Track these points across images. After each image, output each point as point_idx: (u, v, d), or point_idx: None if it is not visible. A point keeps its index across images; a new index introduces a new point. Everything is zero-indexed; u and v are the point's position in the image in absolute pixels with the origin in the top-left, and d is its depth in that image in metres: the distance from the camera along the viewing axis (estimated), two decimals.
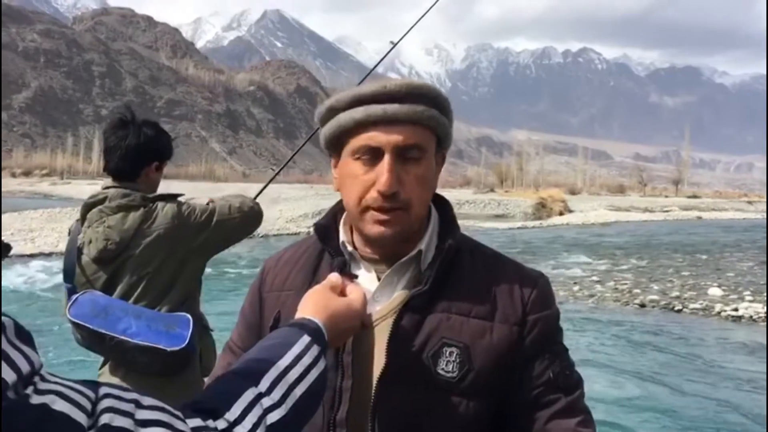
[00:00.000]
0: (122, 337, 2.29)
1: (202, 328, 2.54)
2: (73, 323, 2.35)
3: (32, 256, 15.99)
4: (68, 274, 2.52)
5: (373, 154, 1.10)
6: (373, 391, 1.10)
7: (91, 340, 2.38)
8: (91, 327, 2.32)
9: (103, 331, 2.31)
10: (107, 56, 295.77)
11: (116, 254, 2.46)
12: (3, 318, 0.62)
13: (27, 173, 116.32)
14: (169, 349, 2.29)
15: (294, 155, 3.43)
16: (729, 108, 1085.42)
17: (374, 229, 1.12)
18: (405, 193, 1.09)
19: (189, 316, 2.42)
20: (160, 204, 2.50)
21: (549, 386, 1.13)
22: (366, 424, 1.10)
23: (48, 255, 16.01)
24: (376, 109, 1.08)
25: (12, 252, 2.25)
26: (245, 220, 2.63)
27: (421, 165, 1.11)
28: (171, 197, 2.56)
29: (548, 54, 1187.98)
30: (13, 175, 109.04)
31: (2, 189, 64.84)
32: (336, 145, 1.16)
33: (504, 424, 1.16)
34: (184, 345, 2.32)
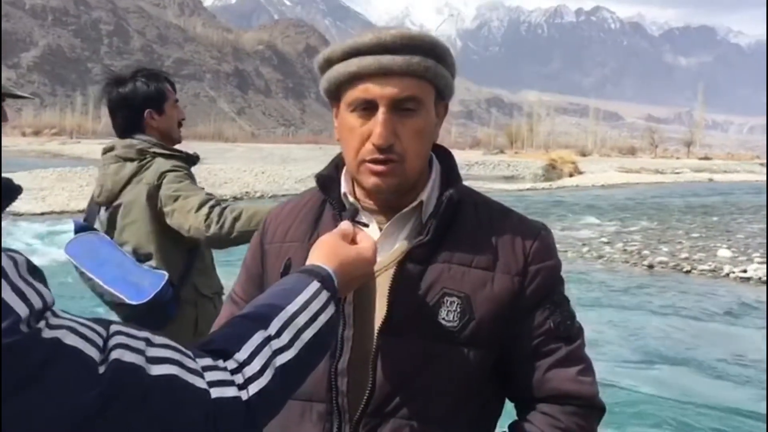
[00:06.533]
0: (96, 280, 2.31)
1: (198, 295, 2.47)
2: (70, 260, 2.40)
3: (43, 214, 16.06)
4: (88, 212, 2.62)
5: (368, 107, 1.09)
6: (375, 341, 1.11)
7: (83, 277, 2.40)
8: (77, 265, 2.35)
9: (84, 271, 2.34)
10: (114, 14, 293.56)
11: (108, 201, 2.51)
12: (16, 255, 0.62)
13: (37, 132, 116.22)
14: (128, 302, 2.26)
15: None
16: (744, 68, 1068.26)
17: (370, 181, 1.12)
18: (400, 146, 1.09)
19: (165, 274, 2.32)
20: (156, 160, 2.47)
21: (549, 335, 1.13)
22: (367, 373, 1.11)
23: (59, 214, 16.12)
24: (370, 61, 1.07)
25: (23, 210, 2.40)
26: (208, 238, 2.33)
27: (417, 117, 1.10)
28: (174, 157, 2.53)
29: (561, 13, 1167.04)
30: (23, 135, 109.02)
31: (13, 149, 65.04)
32: (335, 95, 1.16)
33: (505, 373, 1.17)
34: (143, 300, 2.25)
